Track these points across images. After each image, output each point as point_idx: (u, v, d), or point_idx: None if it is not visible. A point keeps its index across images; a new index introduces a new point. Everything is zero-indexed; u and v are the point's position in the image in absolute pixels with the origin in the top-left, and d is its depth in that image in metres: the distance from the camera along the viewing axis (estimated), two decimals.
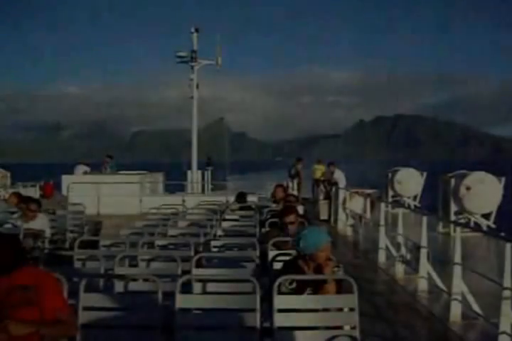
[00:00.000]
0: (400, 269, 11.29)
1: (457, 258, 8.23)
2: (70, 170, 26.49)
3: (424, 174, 23.91)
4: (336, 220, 19.56)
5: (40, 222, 11.26)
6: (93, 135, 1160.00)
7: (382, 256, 12.73)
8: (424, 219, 10.03)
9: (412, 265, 10.51)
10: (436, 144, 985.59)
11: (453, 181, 17.54)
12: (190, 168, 27.08)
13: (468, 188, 17.03)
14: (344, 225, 19.03)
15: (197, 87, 26.88)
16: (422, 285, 9.77)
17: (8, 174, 26.49)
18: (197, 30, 26.70)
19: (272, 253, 6.94)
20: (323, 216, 20.51)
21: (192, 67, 26.80)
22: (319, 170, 29.17)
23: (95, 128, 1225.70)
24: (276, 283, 5.14)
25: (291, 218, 8.23)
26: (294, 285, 5.30)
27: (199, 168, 27.43)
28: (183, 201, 18.71)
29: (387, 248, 12.67)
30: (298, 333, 5.06)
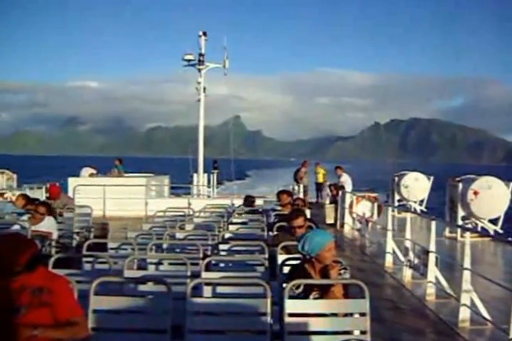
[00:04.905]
0: (407, 274, 11.25)
1: (466, 263, 8.18)
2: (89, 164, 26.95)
3: (431, 178, 23.85)
4: (342, 224, 19.52)
5: (48, 224, 11.24)
6: (110, 130, 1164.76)
7: (389, 261, 12.71)
8: (433, 224, 9.99)
9: (420, 269, 10.46)
10: (451, 148, 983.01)
11: (460, 186, 17.48)
12: (196, 169, 27.07)
13: (475, 193, 16.98)
14: (350, 229, 19.00)
15: (204, 90, 26.88)
16: (430, 290, 9.71)
17: (15, 176, 26.52)
18: (204, 34, 26.67)
19: (281, 257, 6.91)
20: (330, 220, 20.43)
21: (199, 71, 26.82)
22: (320, 173, 29.20)
23: (112, 124, 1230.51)
24: (288, 287, 5.13)
25: (299, 222, 8.22)
26: (300, 289, 5.29)
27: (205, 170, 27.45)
28: (189, 204, 18.69)
29: (394, 252, 12.64)
30: (308, 338, 5.03)
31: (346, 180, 22.49)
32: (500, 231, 17.24)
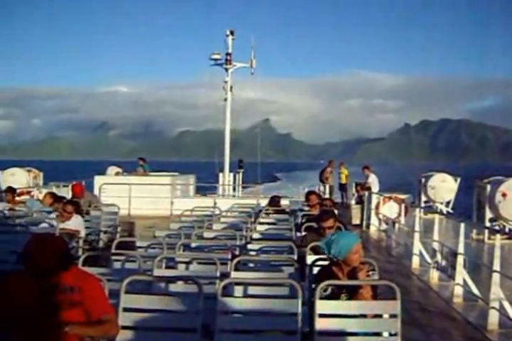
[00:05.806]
0: (434, 275, 11.18)
1: (496, 265, 8.11)
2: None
3: (458, 179, 23.67)
4: (368, 225, 19.44)
5: (76, 222, 11.30)
6: (140, 134, 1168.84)
7: (415, 262, 12.63)
8: (462, 226, 9.92)
9: (448, 271, 10.39)
10: (481, 149, 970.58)
11: (488, 187, 17.34)
12: (222, 170, 27.05)
13: (504, 195, 16.83)
14: (376, 230, 18.92)
15: (231, 89, 26.92)
16: (458, 292, 9.63)
17: (41, 174, 26.66)
18: (232, 33, 26.71)
19: (310, 258, 6.89)
20: (356, 221, 20.36)
21: (226, 70, 26.89)
22: (343, 173, 29.14)
23: (142, 128, 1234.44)
24: (318, 288, 5.11)
25: (329, 223, 8.19)
26: (328, 291, 5.26)
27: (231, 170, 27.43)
28: (215, 203, 18.69)
29: (420, 254, 12.57)
30: (338, 339, 5.01)
31: (373, 181, 22.39)
32: None
